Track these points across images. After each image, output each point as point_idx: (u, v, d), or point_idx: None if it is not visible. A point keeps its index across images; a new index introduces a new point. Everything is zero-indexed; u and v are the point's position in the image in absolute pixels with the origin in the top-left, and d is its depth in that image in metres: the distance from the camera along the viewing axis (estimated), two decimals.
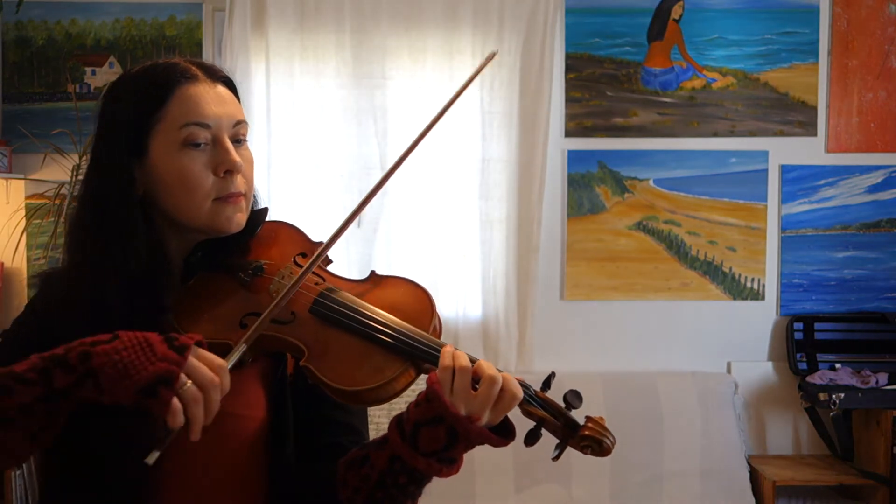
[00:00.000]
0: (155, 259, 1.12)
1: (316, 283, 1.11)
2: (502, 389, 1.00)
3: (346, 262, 3.32)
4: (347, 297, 1.10)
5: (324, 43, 3.37)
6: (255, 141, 3.28)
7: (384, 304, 1.09)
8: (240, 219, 1.14)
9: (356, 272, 3.29)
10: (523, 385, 1.03)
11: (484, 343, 3.39)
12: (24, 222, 3.37)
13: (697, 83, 3.49)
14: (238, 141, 1.15)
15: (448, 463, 1.02)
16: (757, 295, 3.50)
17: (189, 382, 0.93)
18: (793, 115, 3.49)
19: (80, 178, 3.25)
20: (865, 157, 3.49)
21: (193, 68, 1.14)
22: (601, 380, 3.30)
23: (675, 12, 3.47)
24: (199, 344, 0.97)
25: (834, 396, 3.15)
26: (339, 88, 3.37)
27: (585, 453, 1.02)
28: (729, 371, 3.50)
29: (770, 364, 3.50)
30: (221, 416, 1.07)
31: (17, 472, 3.25)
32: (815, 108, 3.49)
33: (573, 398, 1.04)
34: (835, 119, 3.49)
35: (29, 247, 3.47)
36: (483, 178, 3.39)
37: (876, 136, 3.49)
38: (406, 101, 3.38)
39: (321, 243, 1.16)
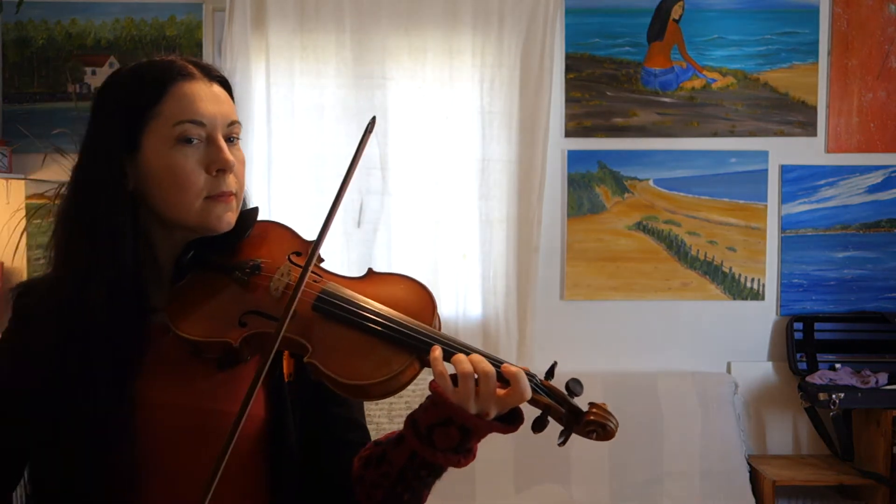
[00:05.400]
0: (142, 257, 1.12)
1: (315, 281, 1.12)
2: (512, 388, 1.02)
3: (346, 263, 3.31)
4: (349, 293, 1.11)
5: (324, 43, 3.37)
6: (255, 141, 3.28)
7: (386, 299, 1.10)
8: (230, 218, 1.14)
9: (356, 272, 3.28)
10: (528, 375, 1.05)
11: (484, 343, 3.38)
12: (24, 222, 3.37)
13: (697, 83, 3.49)
14: (231, 140, 1.15)
15: (465, 453, 1.06)
16: (757, 295, 3.50)
17: None
18: (793, 115, 3.49)
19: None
20: (865, 157, 3.49)
21: (190, 66, 1.14)
22: (601, 380, 3.30)
23: (675, 12, 3.47)
24: None
25: (834, 396, 3.15)
26: (339, 88, 3.37)
27: (591, 438, 1.05)
28: (729, 371, 3.50)
29: (770, 364, 3.50)
30: (218, 415, 1.09)
31: None
32: (815, 108, 3.49)
33: (574, 385, 1.06)
34: (835, 119, 3.49)
35: (29, 247, 3.46)
36: (483, 178, 3.39)
37: (876, 136, 3.49)
38: (406, 101, 3.38)
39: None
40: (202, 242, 1.15)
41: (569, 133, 3.49)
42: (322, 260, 1.17)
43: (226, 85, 1.18)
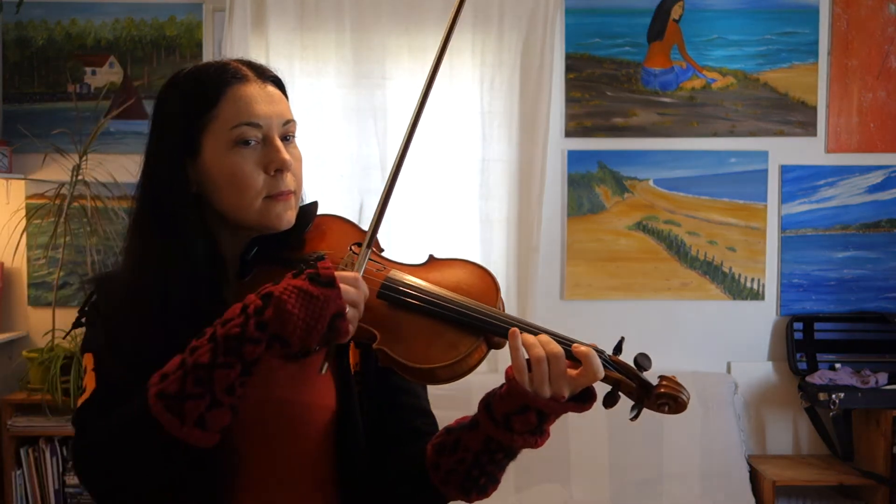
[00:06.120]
0: (210, 255, 1.16)
1: (378, 270, 1.15)
2: (584, 368, 1.05)
3: None
4: (412, 279, 1.14)
5: (324, 42, 3.37)
6: None
7: (449, 284, 1.13)
8: (290, 216, 1.17)
9: None
10: (598, 350, 1.08)
11: None
12: (24, 222, 3.38)
13: (697, 83, 3.49)
14: (287, 139, 1.18)
15: (541, 434, 1.07)
16: (757, 295, 3.50)
17: (347, 305, 1.02)
18: (793, 115, 3.49)
19: (80, 178, 3.26)
20: (865, 157, 3.49)
21: (244, 69, 1.17)
22: None
23: (675, 12, 3.48)
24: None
25: (834, 396, 3.15)
26: (339, 88, 3.38)
27: (662, 411, 1.06)
28: (729, 371, 3.50)
29: (770, 364, 3.50)
30: (294, 406, 1.15)
31: (18, 472, 3.25)
32: (814, 108, 3.49)
33: (643, 360, 1.09)
34: (835, 119, 3.49)
35: (29, 247, 3.47)
36: (483, 178, 3.39)
37: (876, 136, 3.49)
38: (406, 101, 3.38)
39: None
40: (265, 238, 1.18)
41: (569, 133, 3.49)
42: (382, 249, 1.21)
43: (279, 84, 1.21)
